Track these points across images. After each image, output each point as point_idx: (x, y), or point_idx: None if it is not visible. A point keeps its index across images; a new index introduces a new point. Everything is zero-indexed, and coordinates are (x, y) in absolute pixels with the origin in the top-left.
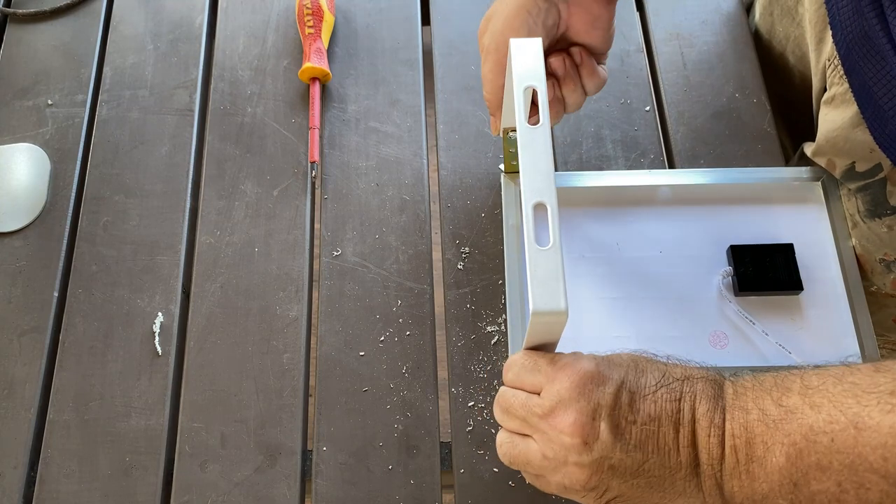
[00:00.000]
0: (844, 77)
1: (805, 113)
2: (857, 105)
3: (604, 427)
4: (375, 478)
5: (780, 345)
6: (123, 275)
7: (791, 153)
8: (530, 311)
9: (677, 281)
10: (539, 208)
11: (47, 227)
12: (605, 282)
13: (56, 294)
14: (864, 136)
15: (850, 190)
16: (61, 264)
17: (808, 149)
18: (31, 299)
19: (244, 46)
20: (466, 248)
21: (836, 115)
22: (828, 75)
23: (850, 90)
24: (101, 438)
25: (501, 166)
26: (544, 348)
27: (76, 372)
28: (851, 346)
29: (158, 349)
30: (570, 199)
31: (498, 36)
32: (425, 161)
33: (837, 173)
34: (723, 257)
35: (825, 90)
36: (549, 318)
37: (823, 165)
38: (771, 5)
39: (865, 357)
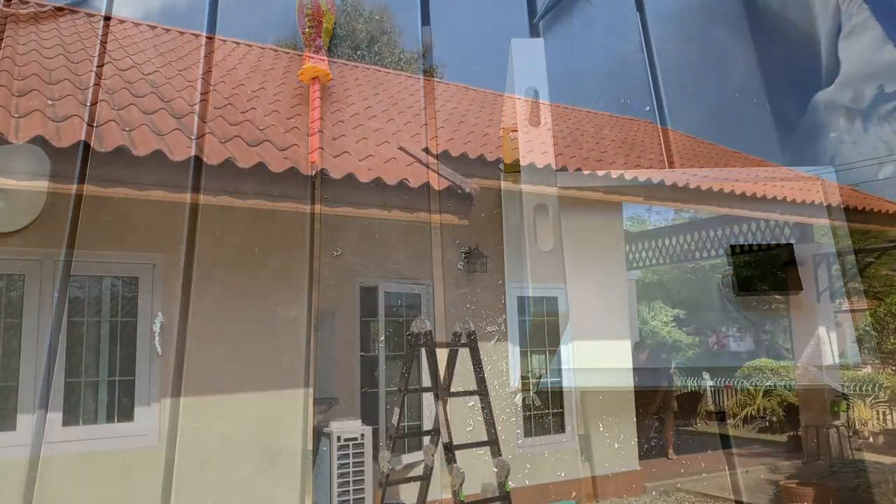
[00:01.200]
0: (864, 5)
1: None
2: (881, 26)
3: None
4: (376, 477)
5: (779, 345)
6: (124, 275)
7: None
8: (531, 313)
9: (677, 281)
10: (540, 209)
11: (47, 227)
12: (605, 281)
13: (56, 294)
14: (889, 55)
15: (881, 116)
16: (61, 264)
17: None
18: (32, 299)
19: (244, 46)
20: (466, 248)
21: (859, 44)
22: (843, 9)
23: (872, 15)
24: (102, 438)
25: (501, 166)
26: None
27: (77, 372)
28: (852, 346)
29: (158, 349)
30: (570, 199)
31: None
32: (425, 161)
33: (867, 101)
34: (722, 257)
35: (840, 30)
36: (551, 319)
37: (849, 102)
38: None
39: (863, 357)
